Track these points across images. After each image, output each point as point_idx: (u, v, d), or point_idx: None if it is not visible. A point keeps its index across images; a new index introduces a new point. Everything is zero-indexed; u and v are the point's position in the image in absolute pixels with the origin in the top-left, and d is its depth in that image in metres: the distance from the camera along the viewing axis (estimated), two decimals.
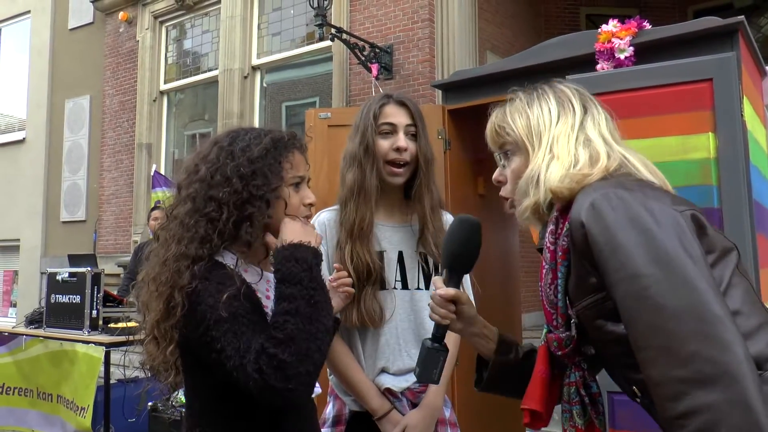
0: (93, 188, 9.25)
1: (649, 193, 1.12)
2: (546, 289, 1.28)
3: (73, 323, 4.94)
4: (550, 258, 1.25)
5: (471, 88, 3.22)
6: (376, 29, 6.64)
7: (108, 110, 9.12)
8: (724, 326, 0.96)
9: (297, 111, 8.00)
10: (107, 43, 9.27)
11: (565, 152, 1.25)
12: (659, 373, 0.99)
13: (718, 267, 1.10)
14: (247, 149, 1.42)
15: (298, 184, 1.49)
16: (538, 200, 1.25)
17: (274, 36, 7.88)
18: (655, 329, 1.00)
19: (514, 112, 1.35)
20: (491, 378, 1.49)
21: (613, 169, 1.22)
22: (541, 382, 1.33)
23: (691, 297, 0.98)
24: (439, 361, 1.43)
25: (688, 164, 2.35)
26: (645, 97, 2.40)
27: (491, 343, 1.49)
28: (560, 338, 1.27)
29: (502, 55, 7.18)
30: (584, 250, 1.13)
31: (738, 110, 2.31)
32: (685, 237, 1.04)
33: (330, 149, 2.99)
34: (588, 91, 2.48)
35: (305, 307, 1.25)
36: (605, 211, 1.09)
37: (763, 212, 2.54)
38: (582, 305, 1.19)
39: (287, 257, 1.32)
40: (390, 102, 1.97)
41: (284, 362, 1.20)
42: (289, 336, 1.22)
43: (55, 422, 5.35)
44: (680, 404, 0.95)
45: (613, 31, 2.66)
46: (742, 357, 0.94)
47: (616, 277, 1.06)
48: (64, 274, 5.14)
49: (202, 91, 8.68)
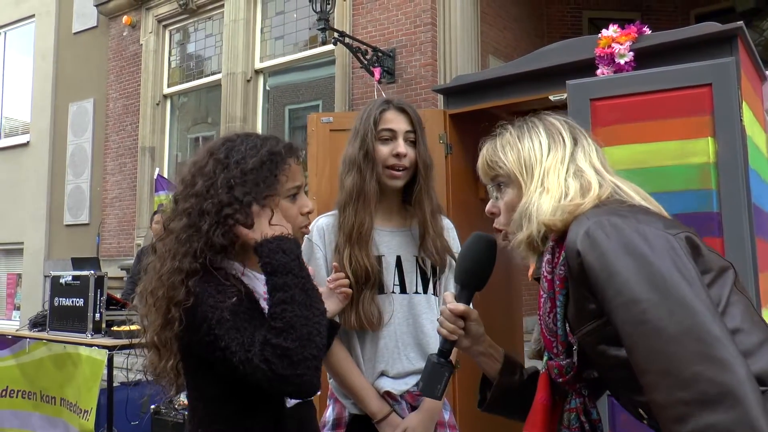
0: (96, 191, 9.29)
1: (641, 219, 1.13)
2: (545, 318, 1.29)
3: (77, 326, 4.96)
4: (548, 287, 1.27)
5: (472, 93, 3.23)
6: (379, 33, 6.66)
7: (111, 114, 9.16)
8: (724, 346, 0.96)
9: (300, 114, 8.02)
10: (111, 47, 9.31)
11: (555, 185, 1.26)
12: (663, 397, 0.99)
13: (716, 286, 1.11)
14: (241, 161, 1.42)
15: (295, 195, 1.50)
16: (532, 233, 1.26)
17: (277, 40, 7.91)
18: (655, 353, 1.00)
19: (506, 146, 1.36)
20: (494, 399, 1.49)
21: (605, 197, 1.23)
22: (542, 408, 1.34)
23: (689, 319, 0.99)
24: (443, 377, 1.43)
25: (687, 169, 2.36)
26: (645, 101, 2.41)
27: (497, 364, 1.49)
28: (561, 365, 1.28)
29: (504, 59, 7.19)
30: (581, 277, 1.14)
31: (737, 115, 2.32)
32: (680, 260, 1.05)
33: (332, 153, 3.00)
34: (588, 96, 2.50)
35: (300, 294, 1.27)
36: (600, 238, 1.10)
37: (762, 216, 2.55)
38: (583, 332, 1.19)
39: (274, 249, 1.33)
40: (390, 108, 1.98)
41: (288, 349, 1.21)
42: (289, 323, 1.23)
43: (59, 425, 5.37)
44: (685, 426, 0.95)
45: (613, 36, 2.67)
46: (743, 376, 0.94)
47: (614, 304, 1.07)
48: (68, 278, 5.16)
49: (205, 95, 8.71)
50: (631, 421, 2.32)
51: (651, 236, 1.08)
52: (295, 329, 1.23)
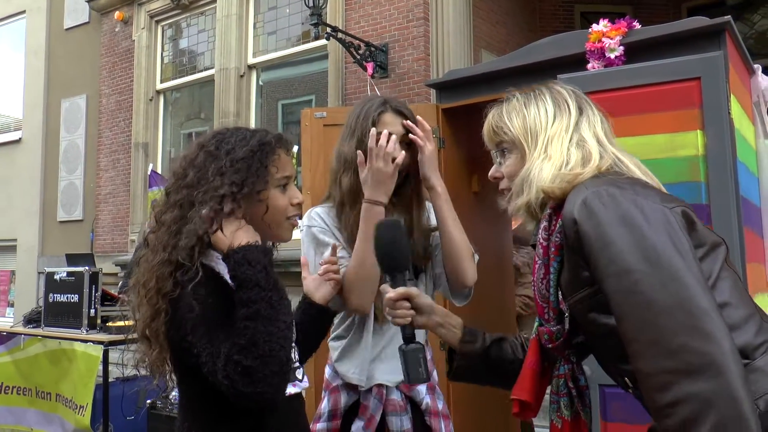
0: (90, 188, 9.26)
1: (639, 191, 1.15)
2: (538, 284, 1.31)
3: (72, 322, 4.97)
4: (543, 254, 1.29)
5: (464, 87, 3.26)
6: (372, 28, 6.66)
7: (104, 110, 9.13)
8: (711, 319, 0.99)
9: (293, 109, 8.02)
10: (103, 43, 9.27)
11: (558, 153, 1.29)
12: (648, 365, 1.02)
13: (707, 261, 1.14)
14: (231, 152, 1.43)
15: (285, 185, 1.50)
16: (530, 199, 1.29)
17: (269, 35, 7.90)
18: (644, 323, 1.03)
19: (511, 112, 1.38)
20: (459, 367, 1.53)
21: (605, 168, 1.26)
22: (531, 373, 1.37)
23: (679, 292, 1.01)
24: (419, 358, 1.46)
25: (676, 161, 2.39)
26: (635, 95, 2.44)
27: (457, 332, 1.54)
28: (551, 331, 1.30)
29: (496, 53, 7.20)
30: (576, 245, 1.16)
31: (725, 108, 2.35)
32: (675, 233, 1.07)
33: (326, 148, 3.02)
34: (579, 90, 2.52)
35: (265, 308, 1.27)
36: (596, 208, 1.12)
37: (750, 208, 2.58)
38: (575, 299, 1.22)
39: (239, 261, 1.32)
40: (388, 110, 1.96)
41: (249, 368, 1.22)
42: (251, 341, 1.24)
43: (54, 420, 5.38)
44: (668, 394, 0.98)
45: (604, 31, 2.70)
46: (727, 349, 0.97)
47: (606, 273, 1.09)
48: (62, 274, 5.16)
49: (198, 90, 8.70)
50: (622, 410, 2.36)
51: (648, 208, 1.10)
52: (257, 346, 1.24)
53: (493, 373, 1.54)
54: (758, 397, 1.03)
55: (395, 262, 1.52)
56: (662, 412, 1.00)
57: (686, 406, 0.96)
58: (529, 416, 1.39)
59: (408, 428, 1.92)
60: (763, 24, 8.22)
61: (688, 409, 0.96)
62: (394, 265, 1.52)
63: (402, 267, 1.52)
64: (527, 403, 1.37)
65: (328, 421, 1.98)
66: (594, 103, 1.39)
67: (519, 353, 1.53)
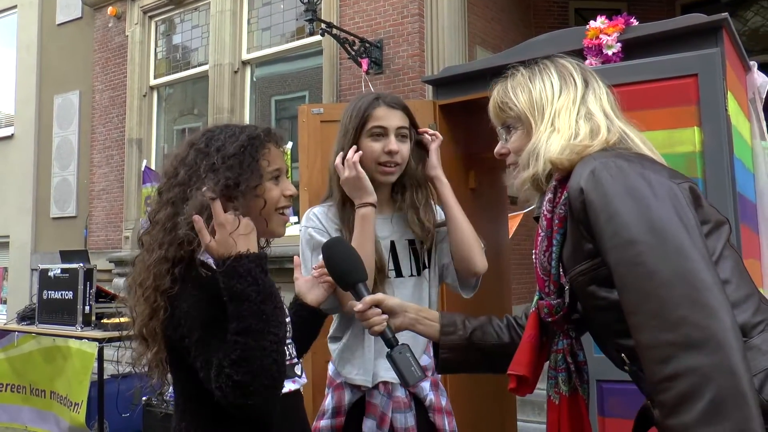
0: (83, 184, 9.22)
1: (647, 165, 1.15)
2: (540, 257, 1.30)
3: (66, 319, 4.95)
4: (546, 226, 1.28)
5: (461, 84, 3.25)
6: (366, 24, 6.65)
7: (98, 106, 9.09)
8: (713, 294, 0.99)
9: (287, 105, 8.01)
10: (96, 38, 9.23)
11: (566, 126, 1.28)
12: (649, 337, 1.02)
13: (712, 238, 1.14)
14: (222, 148, 1.43)
15: (278, 177, 1.51)
16: (537, 171, 1.28)
17: (264, 31, 7.88)
18: (646, 294, 1.03)
19: (516, 87, 1.38)
20: (444, 360, 1.53)
21: (612, 142, 1.25)
22: (529, 347, 1.36)
23: (683, 265, 1.01)
24: (408, 359, 1.45)
25: (674, 158, 2.40)
26: (632, 92, 2.45)
27: (435, 324, 1.54)
28: (551, 305, 1.30)
29: (491, 50, 7.21)
30: (581, 216, 1.16)
31: (722, 105, 2.36)
32: (681, 207, 1.08)
33: (323, 145, 3.02)
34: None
35: (256, 323, 1.26)
36: (604, 179, 1.12)
37: (746, 204, 2.60)
38: (576, 271, 1.22)
39: (229, 273, 1.29)
40: (381, 104, 1.97)
41: (240, 382, 1.22)
42: (242, 357, 1.23)
43: (49, 418, 5.36)
44: (668, 367, 0.98)
45: (601, 28, 2.70)
46: (728, 324, 0.97)
47: (611, 244, 1.09)
48: (56, 271, 5.14)
49: (192, 86, 8.67)
50: (619, 405, 2.37)
51: (655, 182, 1.10)
52: (248, 362, 1.23)
53: (480, 359, 1.53)
54: (754, 374, 1.02)
55: (350, 276, 1.53)
56: (660, 385, 0.99)
57: (685, 380, 0.96)
58: (526, 392, 1.38)
59: (412, 425, 1.93)
60: (756, 21, 8.26)
61: (686, 383, 0.95)
62: (351, 279, 1.53)
63: (359, 278, 1.53)
64: (524, 378, 1.36)
65: (332, 418, 1.98)
66: (598, 75, 1.38)
67: (504, 336, 1.52)
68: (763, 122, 3.02)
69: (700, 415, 0.93)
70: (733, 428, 0.92)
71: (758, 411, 0.93)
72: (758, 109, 3.00)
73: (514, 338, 1.50)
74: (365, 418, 1.93)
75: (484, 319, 1.55)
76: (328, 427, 1.96)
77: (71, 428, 5.09)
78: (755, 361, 1.05)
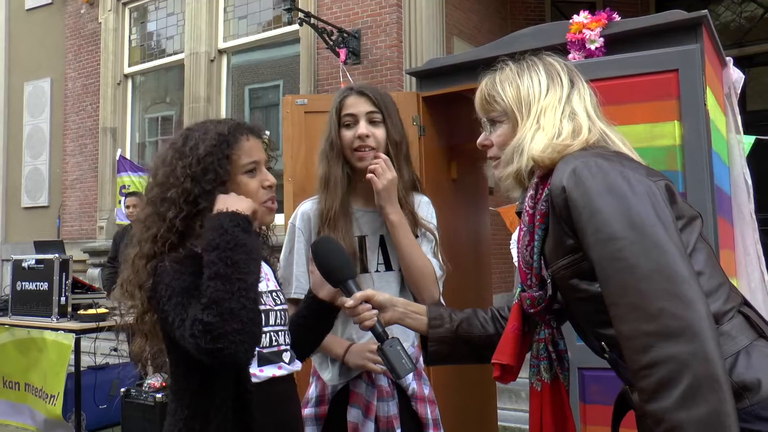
0: (56, 173, 9.08)
1: (626, 164, 1.20)
2: (523, 251, 1.35)
3: (41, 311, 4.88)
4: (528, 221, 1.33)
5: (445, 76, 3.28)
6: (344, 14, 6.63)
7: (70, 93, 8.93)
8: (690, 286, 1.05)
9: (263, 94, 7.97)
10: (68, 25, 9.05)
11: (550, 124, 1.32)
12: (629, 328, 1.07)
13: (686, 232, 1.20)
14: (195, 147, 1.47)
15: (253, 170, 1.52)
16: (521, 167, 1.32)
17: (240, 19, 7.81)
18: (627, 287, 1.08)
19: (504, 81, 1.41)
20: (432, 352, 1.57)
21: (592, 142, 1.30)
22: (513, 337, 1.41)
23: (660, 259, 1.07)
24: (399, 352, 1.49)
25: (655, 151, 2.45)
26: (614, 86, 2.49)
27: (423, 318, 1.57)
28: (533, 297, 1.35)
29: (468, 41, 7.24)
30: (564, 213, 1.20)
31: (702, 100, 2.41)
32: (658, 204, 1.13)
33: (307, 136, 3.02)
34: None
35: (223, 269, 1.29)
36: (585, 177, 1.17)
37: (722, 197, 2.66)
38: (558, 265, 1.26)
39: (207, 230, 1.37)
40: (351, 94, 2.03)
41: (210, 324, 1.24)
42: (212, 299, 1.27)
43: (23, 411, 5.30)
44: (648, 355, 1.04)
45: (584, 23, 2.74)
46: (704, 314, 1.03)
47: (593, 239, 1.14)
48: (31, 261, 5.06)
49: (167, 75, 8.56)
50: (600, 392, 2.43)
51: (633, 180, 1.15)
52: (218, 304, 1.26)
53: (467, 350, 1.57)
54: (725, 359, 1.09)
55: (341, 273, 1.57)
56: (640, 373, 1.05)
57: (663, 367, 1.02)
58: (510, 380, 1.43)
59: (394, 413, 1.95)
60: (726, 16, 8.41)
61: (665, 370, 1.01)
62: (341, 276, 1.57)
63: (348, 275, 1.57)
64: (508, 366, 1.41)
65: (315, 407, 2.00)
66: (583, 76, 1.42)
67: (489, 327, 1.57)
68: (738, 116, 3.09)
69: (679, 400, 0.99)
70: (709, 410, 0.98)
71: (731, 394, 1.00)
72: (734, 104, 3.07)
73: (498, 329, 1.54)
74: (350, 407, 1.95)
75: (469, 311, 1.60)
76: (312, 416, 1.99)
77: (47, 421, 5.03)
78: (726, 346, 1.11)
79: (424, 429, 2.02)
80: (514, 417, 4.56)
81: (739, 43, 8.07)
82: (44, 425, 5.08)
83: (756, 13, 8.34)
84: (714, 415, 0.98)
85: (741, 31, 8.32)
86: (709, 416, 0.98)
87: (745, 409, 1.07)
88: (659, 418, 1.02)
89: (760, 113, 7.71)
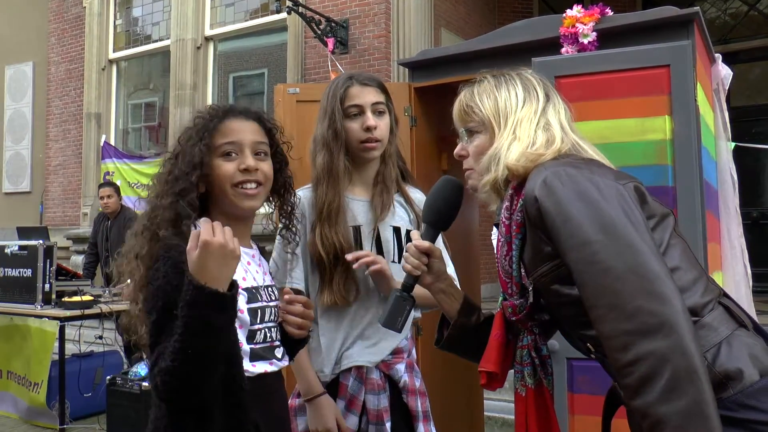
0: (38, 159, 8.97)
1: (595, 170, 1.24)
2: (502, 260, 1.38)
3: (25, 297, 4.84)
4: (505, 232, 1.36)
5: (437, 67, 3.29)
6: (333, 3, 6.61)
7: (54, 78, 8.82)
8: (664, 282, 1.08)
9: (247, 82, 7.92)
10: (51, 8, 8.92)
11: (525, 134, 1.36)
12: (609, 328, 1.11)
13: (659, 230, 1.24)
14: (182, 137, 1.50)
15: (229, 153, 1.48)
16: (497, 176, 1.36)
17: (227, 7, 7.75)
18: (603, 289, 1.12)
19: (483, 93, 1.44)
20: (451, 337, 1.58)
21: (564, 151, 1.34)
22: (497, 345, 1.44)
23: (633, 259, 1.10)
24: (405, 310, 1.51)
25: (645, 145, 2.48)
26: (606, 80, 2.52)
27: (456, 303, 1.58)
28: (515, 305, 1.38)
29: (456, 32, 7.25)
30: (538, 222, 1.24)
31: (692, 95, 2.45)
32: (628, 206, 1.17)
33: (299, 124, 3.01)
34: (553, 73, 2.59)
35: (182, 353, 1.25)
36: (556, 186, 1.20)
37: (710, 191, 2.71)
38: (538, 273, 1.30)
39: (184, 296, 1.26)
40: (354, 84, 1.99)
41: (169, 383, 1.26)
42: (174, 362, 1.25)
43: (6, 399, 5.26)
44: (628, 353, 1.07)
45: (578, 17, 2.76)
46: (680, 308, 1.07)
47: (568, 245, 1.17)
48: (14, 248, 5.01)
49: (152, 61, 8.48)
50: (587, 382, 2.47)
51: (602, 185, 1.19)
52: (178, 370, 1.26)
53: (475, 348, 1.60)
54: (706, 350, 1.14)
55: (440, 219, 1.56)
56: (623, 371, 1.08)
57: (644, 363, 1.05)
58: (496, 387, 1.46)
59: (385, 406, 1.95)
60: (711, 12, 8.49)
61: (646, 366, 1.05)
62: (437, 221, 1.56)
63: (442, 226, 1.57)
64: (494, 374, 1.44)
65: None
66: (558, 92, 1.47)
67: None
68: (725, 112, 3.14)
69: (661, 394, 1.03)
70: (689, 401, 1.02)
71: (709, 385, 1.03)
72: (721, 100, 3.12)
73: None
74: (337, 399, 1.96)
75: (490, 313, 1.62)
76: (301, 407, 1.98)
77: (30, 409, 5.00)
78: (708, 338, 1.16)
79: (414, 422, 2.01)
80: (499, 407, 4.61)
81: (724, 40, 8.15)
82: (27, 413, 5.04)
83: (741, 10, 8.43)
84: (694, 405, 1.01)
85: (726, 27, 8.41)
86: (689, 407, 1.01)
87: (729, 398, 1.11)
88: (644, 413, 1.05)
89: (743, 109, 7.82)
